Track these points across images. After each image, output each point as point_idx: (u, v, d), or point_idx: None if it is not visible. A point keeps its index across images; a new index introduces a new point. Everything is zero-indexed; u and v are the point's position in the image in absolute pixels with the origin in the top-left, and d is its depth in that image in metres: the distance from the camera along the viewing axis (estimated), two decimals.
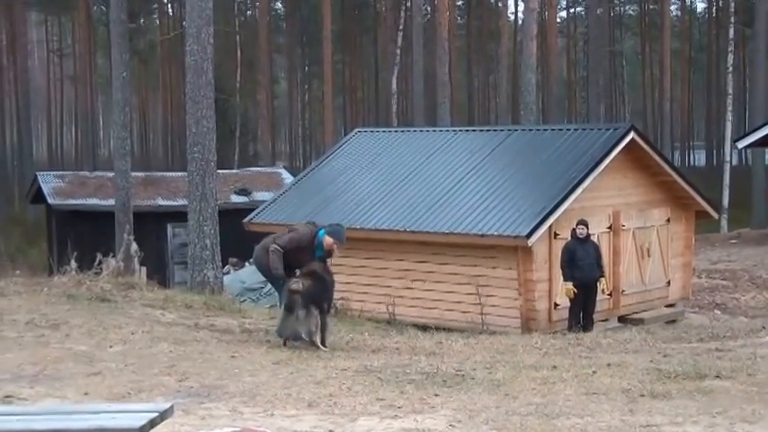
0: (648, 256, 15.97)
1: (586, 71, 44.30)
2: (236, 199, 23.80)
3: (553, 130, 17.19)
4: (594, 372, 7.77)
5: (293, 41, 58.67)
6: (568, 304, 13.50)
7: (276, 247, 9.24)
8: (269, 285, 13.30)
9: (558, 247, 13.90)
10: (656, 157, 16.10)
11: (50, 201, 23.64)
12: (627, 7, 64.03)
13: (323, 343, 9.21)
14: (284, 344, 9.21)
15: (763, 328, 11.62)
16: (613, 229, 15.39)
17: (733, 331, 10.98)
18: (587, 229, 13.49)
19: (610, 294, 14.99)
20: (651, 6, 58.73)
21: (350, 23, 55.12)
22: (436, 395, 6.80)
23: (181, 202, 20.89)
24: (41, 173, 26.70)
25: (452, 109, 35.07)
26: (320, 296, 9.21)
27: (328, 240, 9.30)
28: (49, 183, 24.47)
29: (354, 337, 10.49)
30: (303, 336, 9.04)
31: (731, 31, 36.96)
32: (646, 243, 15.92)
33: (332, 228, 9.55)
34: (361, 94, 58.13)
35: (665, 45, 43.12)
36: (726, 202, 32.94)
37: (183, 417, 5.95)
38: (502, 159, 16.15)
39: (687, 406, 6.46)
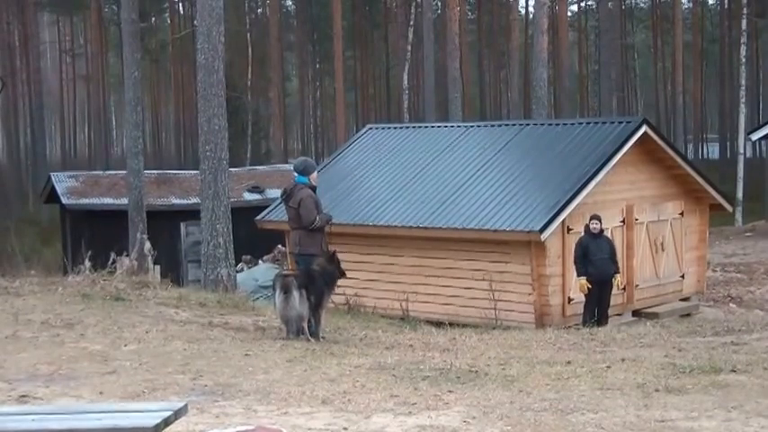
0: (662, 249, 15.91)
1: (598, 65, 44.16)
2: (248, 197, 23.83)
3: (565, 124, 17.15)
4: (609, 367, 7.74)
5: (304, 39, 58.70)
6: (583, 299, 13.46)
7: (317, 218, 9.93)
8: None
9: (572, 241, 13.87)
10: (669, 151, 16.04)
11: (64, 200, 23.73)
12: (638, 0, 63.77)
13: (313, 334, 9.41)
14: (287, 332, 9.38)
15: None
16: (627, 223, 15.35)
17: (748, 325, 10.91)
18: (600, 223, 13.43)
19: (624, 288, 14.96)
20: None
21: (360, 20, 55.09)
22: (450, 391, 6.80)
23: (194, 200, 20.94)
24: (55, 173, 26.79)
25: (464, 104, 35.00)
26: (310, 288, 9.40)
27: (314, 176, 10.24)
28: (63, 182, 24.56)
29: (368, 333, 10.49)
30: (302, 317, 9.36)
31: (743, 23, 36.74)
32: (659, 237, 15.87)
33: (302, 166, 10.33)
34: (373, 91, 58.09)
35: (677, 37, 42.90)
36: (740, 194, 32.77)
37: (198, 415, 5.96)
38: (514, 154, 16.12)
39: (702, 400, 6.43)
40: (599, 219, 13.45)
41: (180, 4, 58.49)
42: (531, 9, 51.13)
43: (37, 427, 4.31)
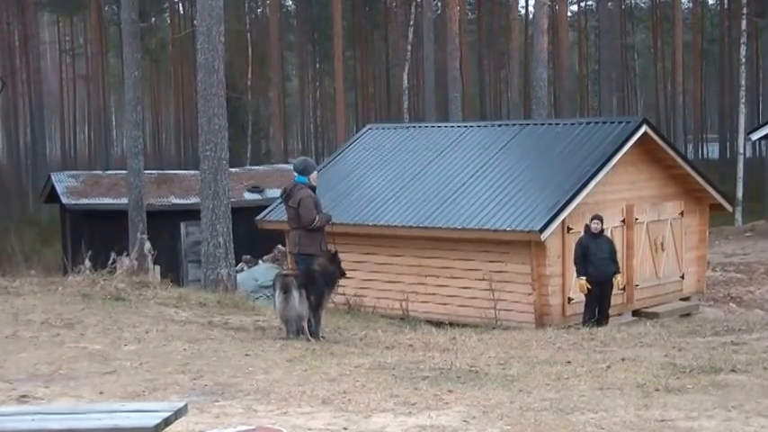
0: (662, 249, 15.92)
1: (598, 65, 44.15)
2: (248, 196, 23.82)
3: (565, 124, 17.16)
4: (609, 366, 7.74)
5: (304, 39, 58.71)
6: (583, 299, 13.46)
7: (317, 218, 9.92)
8: None
9: (572, 241, 13.87)
10: (669, 151, 16.05)
11: (64, 200, 23.73)
12: (638, 0, 63.77)
13: (314, 334, 9.40)
14: (287, 332, 9.37)
15: None
16: (627, 222, 15.35)
17: (748, 324, 10.92)
18: (602, 223, 13.44)
19: (624, 288, 14.96)
20: None
21: (360, 19, 55.10)
22: (450, 391, 6.80)
23: (194, 200, 20.93)
24: (55, 172, 26.79)
25: (464, 104, 35.00)
26: (310, 288, 9.39)
27: (314, 176, 10.22)
28: (63, 182, 24.55)
29: (368, 333, 10.49)
30: (302, 317, 9.35)
31: (743, 23, 36.74)
32: (659, 237, 15.88)
33: (302, 165, 10.33)
34: (373, 90, 58.09)
35: (677, 37, 42.90)
36: (740, 194, 32.78)
37: (198, 415, 5.96)
38: (514, 154, 16.13)
39: (702, 400, 6.43)
40: (600, 219, 13.45)
41: (180, 4, 58.52)
42: (531, 9, 51.14)
43: (37, 427, 4.31)
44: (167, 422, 4.37)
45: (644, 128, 15.39)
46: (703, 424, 5.84)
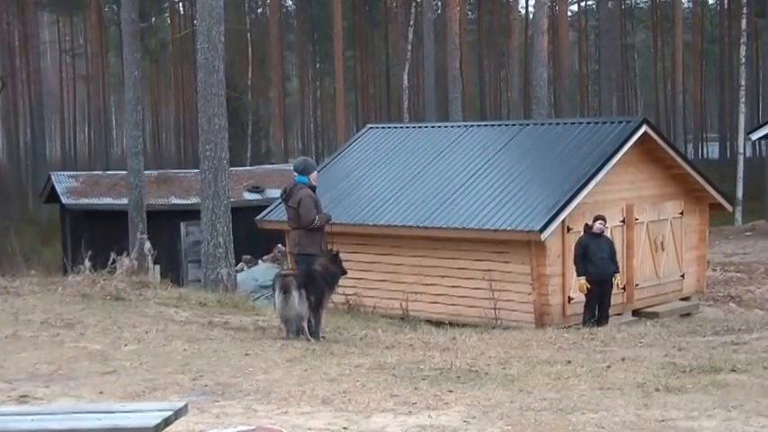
0: (662, 249, 15.92)
1: (598, 64, 44.14)
2: (248, 196, 23.82)
3: (565, 124, 17.16)
4: (609, 366, 7.74)
5: (304, 38, 58.71)
6: (583, 299, 13.47)
7: (317, 218, 9.92)
8: None
9: (572, 241, 13.87)
10: (669, 150, 16.05)
11: (64, 200, 23.73)
12: (638, 0, 63.78)
13: (313, 334, 9.39)
14: (287, 332, 9.37)
15: None
16: (627, 222, 15.35)
17: (748, 324, 10.92)
18: (605, 224, 13.45)
19: (624, 288, 14.97)
20: None
21: (360, 19, 55.11)
22: (450, 391, 6.80)
23: (194, 200, 20.93)
24: (55, 172, 26.79)
25: (464, 104, 35.00)
26: (310, 287, 9.39)
27: (314, 176, 10.21)
28: (63, 182, 24.55)
29: (368, 333, 10.50)
30: (302, 317, 9.35)
31: (743, 23, 36.74)
32: (659, 236, 15.88)
33: (302, 165, 10.33)
34: (373, 90, 58.09)
35: (677, 37, 42.89)
36: (740, 194, 32.79)
37: (198, 415, 5.96)
38: (514, 154, 16.13)
39: (702, 400, 6.43)
40: (604, 219, 13.47)
41: (180, 4, 58.51)
42: (531, 9, 51.14)
43: (37, 427, 4.32)
44: (167, 422, 4.37)
45: (644, 128, 15.40)
46: (703, 424, 5.84)
